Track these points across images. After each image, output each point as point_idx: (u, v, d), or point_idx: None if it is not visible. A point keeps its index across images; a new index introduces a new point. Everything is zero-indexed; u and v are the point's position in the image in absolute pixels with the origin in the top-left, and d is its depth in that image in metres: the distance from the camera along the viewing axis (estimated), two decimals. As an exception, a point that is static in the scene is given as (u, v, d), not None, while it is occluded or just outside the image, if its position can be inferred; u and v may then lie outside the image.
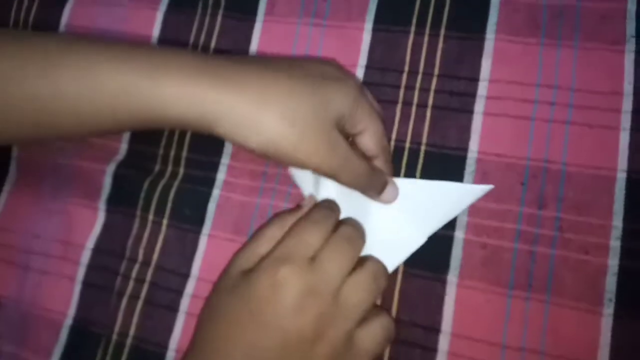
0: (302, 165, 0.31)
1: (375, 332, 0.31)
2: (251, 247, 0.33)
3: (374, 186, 0.34)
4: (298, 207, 0.35)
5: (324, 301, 0.30)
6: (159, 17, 0.44)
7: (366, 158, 0.34)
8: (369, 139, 0.34)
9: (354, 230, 0.33)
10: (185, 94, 0.28)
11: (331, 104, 0.31)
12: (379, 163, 0.34)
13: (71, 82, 0.29)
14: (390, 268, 0.34)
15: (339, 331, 0.30)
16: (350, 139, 0.34)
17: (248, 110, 0.29)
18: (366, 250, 0.34)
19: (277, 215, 0.34)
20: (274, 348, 0.29)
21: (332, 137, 0.31)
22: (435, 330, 0.34)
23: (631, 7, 0.36)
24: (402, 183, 0.36)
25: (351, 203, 0.35)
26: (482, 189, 0.35)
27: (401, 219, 0.35)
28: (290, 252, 0.31)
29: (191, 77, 0.29)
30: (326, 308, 0.30)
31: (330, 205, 0.34)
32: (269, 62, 0.32)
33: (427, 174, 0.36)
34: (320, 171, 0.31)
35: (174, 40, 0.43)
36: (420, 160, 0.37)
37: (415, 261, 0.35)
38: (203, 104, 0.28)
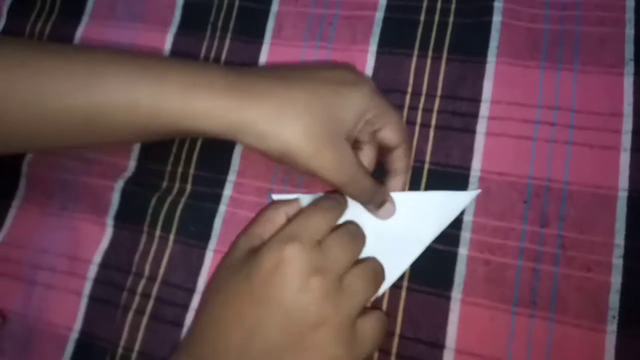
0: (314, 174, 0.32)
1: (375, 323, 0.32)
2: (256, 229, 0.34)
3: (374, 201, 0.35)
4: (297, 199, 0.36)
5: (329, 282, 0.30)
6: (169, 38, 0.45)
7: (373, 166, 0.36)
8: (390, 132, 0.35)
9: (358, 229, 0.34)
10: (213, 110, 0.31)
11: (344, 113, 0.32)
12: (401, 152, 0.35)
13: (109, 97, 0.31)
14: (392, 280, 0.35)
15: (342, 316, 0.30)
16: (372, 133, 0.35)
17: (268, 125, 0.31)
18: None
19: (280, 202, 0.35)
20: (275, 328, 0.29)
21: (343, 151, 0.32)
22: (440, 346, 0.34)
23: (629, 31, 0.37)
24: (396, 196, 0.36)
25: (350, 214, 0.36)
26: (472, 194, 0.36)
27: (399, 231, 0.36)
28: (298, 233, 0.31)
29: (219, 94, 0.31)
30: (331, 290, 0.30)
31: (339, 198, 0.35)
32: (286, 74, 0.34)
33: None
34: (329, 182, 0.32)
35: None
36: (424, 179, 0.37)
37: (419, 277, 0.35)
38: (229, 119, 0.31)
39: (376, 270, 0.33)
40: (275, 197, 0.38)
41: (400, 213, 0.36)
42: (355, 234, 0.34)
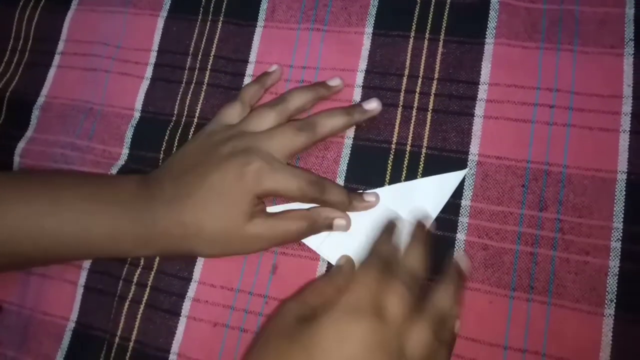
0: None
1: None
2: (307, 297, 0.33)
3: (318, 230, 0.36)
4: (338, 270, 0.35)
5: (393, 357, 0.29)
6: (160, 23, 0.44)
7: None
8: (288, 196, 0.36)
9: (417, 264, 0.33)
10: (113, 236, 0.35)
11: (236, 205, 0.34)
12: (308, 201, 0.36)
13: (73, 226, 0.35)
14: None
15: None
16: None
17: (176, 243, 0.35)
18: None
19: (326, 275, 0.35)
20: None
21: (245, 232, 0.34)
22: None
23: (629, 11, 0.37)
24: (385, 190, 0.36)
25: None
26: (460, 174, 0.36)
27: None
28: (359, 305, 0.30)
29: (118, 222, 0.35)
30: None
31: (382, 257, 0.33)
32: (174, 192, 0.35)
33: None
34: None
35: (174, 46, 0.43)
36: (422, 164, 0.37)
37: (417, 264, 0.35)
38: (136, 241, 0.36)
39: (436, 327, 0.30)
40: (270, 209, 0.38)
41: (393, 205, 0.36)
42: (412, 284, 0.32)
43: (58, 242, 0.35)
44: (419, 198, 0.36)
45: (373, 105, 0.37)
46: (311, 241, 0.37)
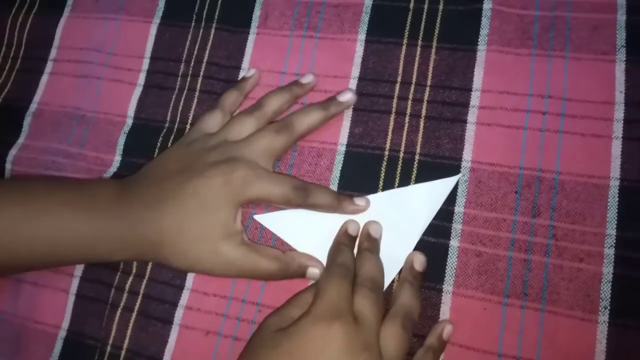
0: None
1: None
2: (285, 310, 0.33)
3: (288, 276, 0.36)
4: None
5: (374, 355, 0.30)
6: (153, 30, 0.44)
7: None
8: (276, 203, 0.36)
9: (376, 283, 0.33)
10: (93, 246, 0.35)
11: (213, 217, 0.34)
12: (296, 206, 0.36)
13: (48, 231, 0.34)
14: (390, 279, 0.35)
15: None
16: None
17: (152, 256, 0.36)
18: None
19: (306, 288, 0.35)
20: None
21: (220, 254, 0.34)
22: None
23: (621, 17, 0.37)
24: (377, 197, 0.36)
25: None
26: (452, 180, 0.36)
27: (388, 230, 0.36)
28: (338, 308, 0.31)
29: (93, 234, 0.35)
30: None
31: (348, 258, 0.34)
32: (147, 205, 0.35)
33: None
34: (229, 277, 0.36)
35: (167, 53, 0.43)
36: (415, 170, 0.37)
37: (410, 271, 0.35)
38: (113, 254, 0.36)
39: (404, 322, 0.32)
40: (258, 217, 0.37)
41: (385, 212, 0.36)
42: (376, 283, 0.33)
43: (33, 248, 0.35)
44: (411, 205, 0.36)
45: (348, 97, 0.38)
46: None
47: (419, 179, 0.36)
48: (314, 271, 0.35)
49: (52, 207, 0.35)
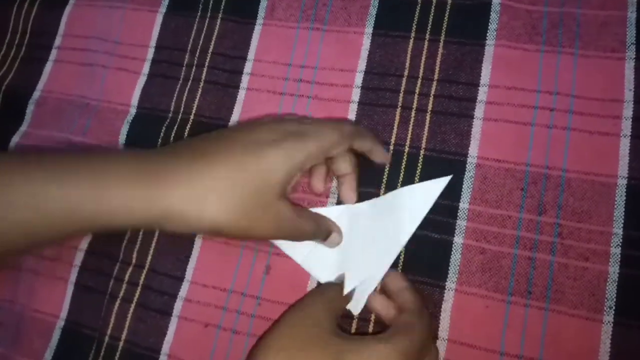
0: (255, 239, 0.35)
1: None
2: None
3: (319, 237, 0.35)
4: None
5: None
6: (159, 19, 0.44)
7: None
8: (340, 164, 0.35)
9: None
10: (126, 205, 0.29)
11: (273, 176, 0.31)
12: (350, 181, 0.36)
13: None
14: (379, 278, 0.34)
15: None
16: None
17: (194, 210, 0.30)
18: (353, 268, 0.34)
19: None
20: None
21: (278, 213, 0.32)
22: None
23: (631, 14, 0.36)
24: (370, 204, 0.36)
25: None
26: (442, 181, 0.35)
27: (380, 232, 0.35)
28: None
29: (131, 186, 0.30)
30: None
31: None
32: (204, 148, 0.32)
33: (426, 179, 0.36)
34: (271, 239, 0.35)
35: (172, 42, 0.43)
36: (420, 165, 0.36)
37: (413, 267, 0.35)
38: (151, 210, 0.30)
39: None
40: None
41: (376, 216, 0.36)
42: None
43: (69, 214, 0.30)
44: (401, 207, 0.35)
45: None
46: (296, 255, 0.36)
47: (424, 174, 0.36)
48: (336, 238, 0.35)
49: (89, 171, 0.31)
